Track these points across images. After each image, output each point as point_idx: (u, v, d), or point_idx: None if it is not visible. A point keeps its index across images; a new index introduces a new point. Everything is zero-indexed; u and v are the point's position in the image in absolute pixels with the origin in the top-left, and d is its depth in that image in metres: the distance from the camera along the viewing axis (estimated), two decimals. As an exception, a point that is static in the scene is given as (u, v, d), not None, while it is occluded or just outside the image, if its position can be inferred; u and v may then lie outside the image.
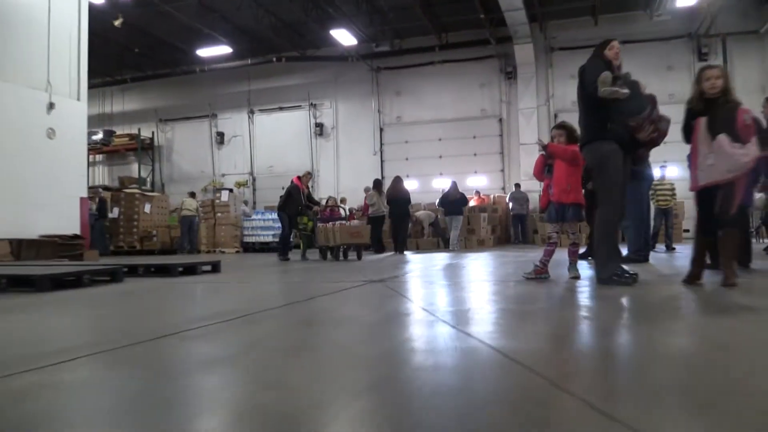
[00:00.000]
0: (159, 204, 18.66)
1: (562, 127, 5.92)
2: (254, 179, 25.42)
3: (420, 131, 23.33)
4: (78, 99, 13.40)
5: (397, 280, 6.20)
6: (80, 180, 13.37)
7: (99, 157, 27.97)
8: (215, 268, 8.29)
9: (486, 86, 22.84)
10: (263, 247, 17.83)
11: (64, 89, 13.04)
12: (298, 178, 12.79)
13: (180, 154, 26.79)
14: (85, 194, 13.49)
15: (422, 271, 7.42)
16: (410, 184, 22.74)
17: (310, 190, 13.42)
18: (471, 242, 16.16)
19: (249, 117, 25.44)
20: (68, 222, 12.62)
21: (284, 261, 11.58)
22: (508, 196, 19.54)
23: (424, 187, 22.91)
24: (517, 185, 19.26)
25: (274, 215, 17.84)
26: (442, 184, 22.41)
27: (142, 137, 26.28)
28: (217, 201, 17.89)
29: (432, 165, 23.01)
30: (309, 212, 12.62)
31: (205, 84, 25.59)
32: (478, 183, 22.68)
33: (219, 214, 17.87)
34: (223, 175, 25.73)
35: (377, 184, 15.40)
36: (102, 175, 27.88)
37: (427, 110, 23.28)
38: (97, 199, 16.62)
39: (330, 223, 12.04)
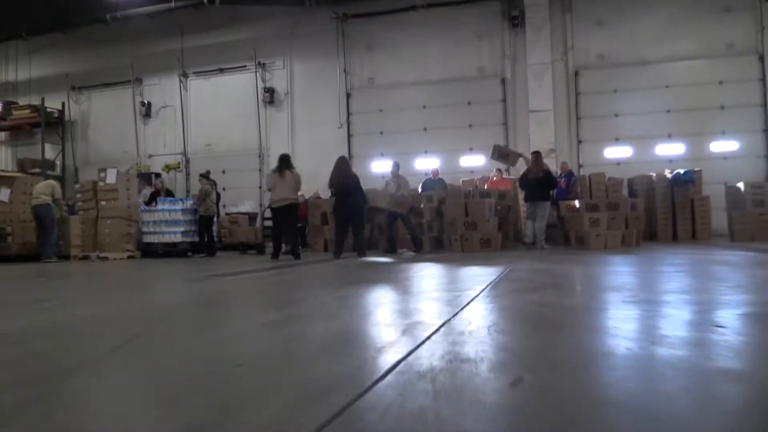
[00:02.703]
0: (25, 189, 12.54)
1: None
2: (188, 161, 19.28)
3: (399, 97, 17.34)
4: None
5: None
6: None
7: (1, 136, 21.74)
8: None
9: (485, 38, 16.88)
10: (169, 251, 11.82)
11: None
12: None
13: (98, 130, 20.55)
14: None
15: None
16: (385, 166, 16.80)
17: None
18: (471, 243, 10.27)
19: (181, 82, 19.26)
20: None
21: None
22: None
23: (404, 169, 16.86)
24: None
25: (183, 205, 12.04)
26: (426, 164, 16.52)
27: (49, 109, 20.05)
28: (100, 184, 11.89)
29: (414, 140, 17.02)
30: None
31: (125, 41, 19.34)
32: (472, 163, 16.77)
33: (103, 203, 11.86)
34: (150, 156, 19.57)
35: (284, 160, 9.81)
36: (4, 158, 21.63)
37: (407, 70, 17.29)
38: None
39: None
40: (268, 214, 11.96)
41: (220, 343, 2.41)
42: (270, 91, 18.26)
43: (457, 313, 2.89)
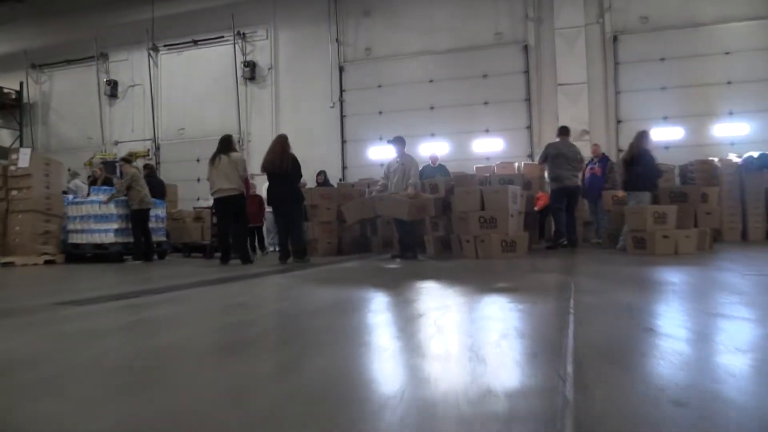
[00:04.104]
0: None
1: None
2: (158, 148, 16.56)
3: (400, 70, 14.47)
4: None
5: None
6: None
7: (-43, 122, 19.19)
8: None
9: (503, -3, 14.01)
10: (99, 253, 9.11)
11: None
12: None
13: (60, 113, 17.91)
14: None
15: None
16: (384, 152, 13.95)
17: None
18: (489, 246, 7.38)
19: (151, 57, 16.51)
20: None
21: None
22: (542, 154, 9.54)
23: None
24: (564, 129, 9.53)
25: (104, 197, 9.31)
26: (433, 150, 13.59)
27: (5, 90, 17.47)
28: (11, 168, 9.15)
29: (419, 121, 14.13)
30: None
31: (89, 10, 16.73)
32: (489, 147, 13.87)
33: (14, 192, 9.14)
34: (116, 143, 16.90)
35: (222, 142, 8.16)
36: (-40, 146, 19.07)
37: (410, 37, 14.42)
38: None
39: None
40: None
41: None
42: (251, 66, 15.47)
43: None
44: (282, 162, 7.52)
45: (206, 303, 3.87)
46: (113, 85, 16.88)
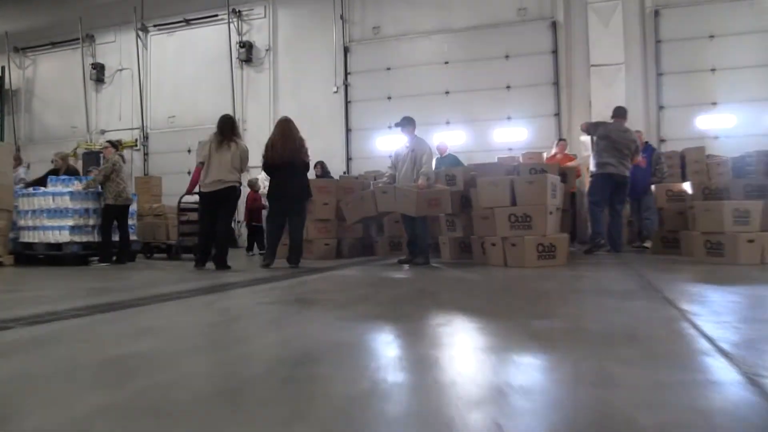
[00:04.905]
0: None
1: None
2: (146, 137, 15.12)
3: (412, 51, 12.92)
4: None
5: None
6: None
7: (-63, 110, 17.86)
8: None
9: (528, -32, 12.38)
10: (54, 254, 7.67)
11: None
12: None
13: (44, 100, 16.52)
14: None
15: None
16: (394, 142, 12.37)
17: None
18: (522, 252, 5.78)
19: (140, 38, 15.06)
20: None
21: None
22: (591, 125, 8.11)
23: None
24: (619, 110, 7.94)
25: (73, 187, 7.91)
26: (449, 139, 12.00)
27: (-15, 75, 16.17)
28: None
29: (433, 107, 12.52)
30: None
31: (73, -13, 15.40)
32: (511, 137, 12.28)
33: (-49, 182, 7.76)
34: (103, 132, 15.46)
35: (227, 124, 6.59)
36: (-59, 136, 17.76)
37: (424, 14, 12.86)
38: None
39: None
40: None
41: None
42: (247, 47, 13.97)
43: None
44: (298, 151, 6.29)
45: (79, 350, 2.31)
46: (99, 69, 15.48)
